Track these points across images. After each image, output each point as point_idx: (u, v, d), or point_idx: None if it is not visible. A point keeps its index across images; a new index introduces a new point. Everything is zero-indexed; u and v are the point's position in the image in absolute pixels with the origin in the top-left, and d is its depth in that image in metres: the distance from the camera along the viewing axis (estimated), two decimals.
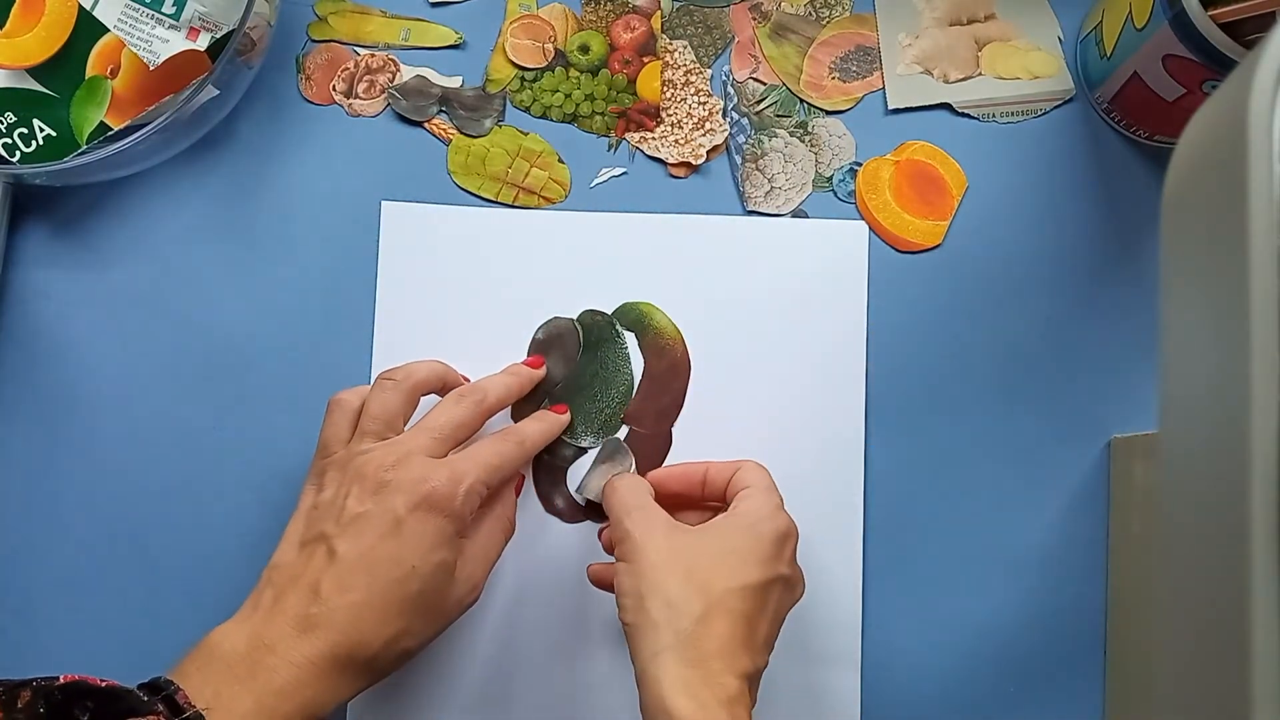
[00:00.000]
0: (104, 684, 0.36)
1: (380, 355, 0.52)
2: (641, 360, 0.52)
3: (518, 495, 0.50)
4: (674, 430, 0.51)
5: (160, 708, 0.37)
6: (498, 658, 0.50)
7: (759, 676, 0.42)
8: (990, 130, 0.53)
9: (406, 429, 0.46)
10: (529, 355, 0.52)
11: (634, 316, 0.52)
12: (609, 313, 0.52)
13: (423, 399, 0.48)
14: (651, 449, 0.51)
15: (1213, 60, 0.43)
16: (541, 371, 0.51)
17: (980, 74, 0.54)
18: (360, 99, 0.54)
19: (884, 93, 0.54)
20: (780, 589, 0.43)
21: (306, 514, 0.44)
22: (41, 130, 0.50)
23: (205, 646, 0.40)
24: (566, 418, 0.51)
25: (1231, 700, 0.25)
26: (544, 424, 0.49)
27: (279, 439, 0.52)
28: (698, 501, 0.49)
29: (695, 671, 0.39)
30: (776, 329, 0.52)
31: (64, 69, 0.50)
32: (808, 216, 0.53)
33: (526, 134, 0.54)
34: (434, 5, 0.55)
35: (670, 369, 0.52)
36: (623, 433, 0.51)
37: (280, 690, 0.39)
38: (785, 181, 0.53)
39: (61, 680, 0.36)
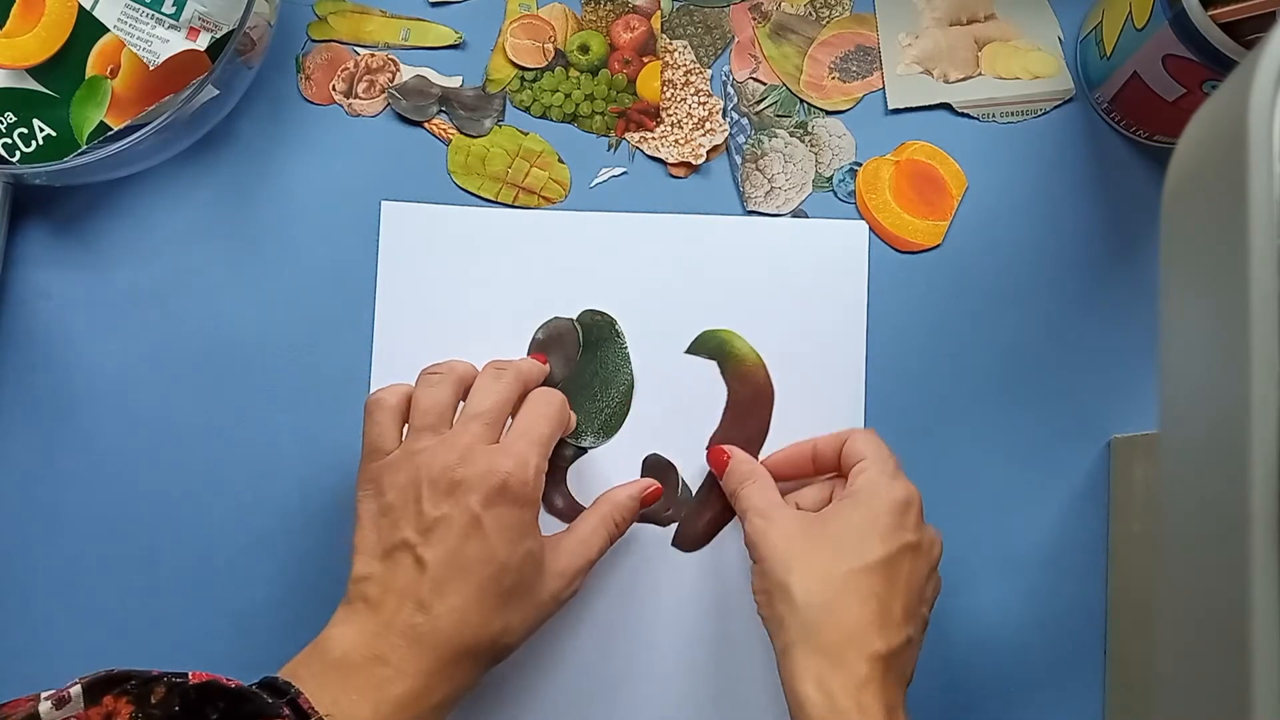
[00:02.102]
0: (233, 684, 0.37)
1: (380, 355, 0.52)
2: (725, 388, 0.52)
3: (651, 503, 0.50)
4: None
5: (285, 711, 0.37)
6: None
7: (905, 650, 0.42)
8: (990, 130, 0.54)
9: None
10: (530, 355, 0.52)
11: (714, 344, 0.52)
12: (611, 313, 0.52)
13: None
14: None
15: (1213, 60, 0.43)
16: (549, 367, 0.51)
17: (980, 74, 0.54)
18: (360, 99, 0.54)
19: (884, 93, 0.54)
20: (910, 558, 0.43)
21: (375, 521, 0.43)
22: (41, 130, 0.50)
23: (318, 651, 0.40)
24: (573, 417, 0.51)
25: (1231, 700, 0.25)
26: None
27: (279, 439, 0.52)
28: (813, 477, 0.50)
29: (824, 660, 0.40)
30: (776, 329, 0.52)
31: (64, 69, 0.50)
32: (808, 216, 0.53)
33: (526, 134, 0.54)
34: (434, 5, 0.55)
35: (755, 395, 0.51)
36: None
37: (398, 701, 0.39)
38: (785, 181, 0.53)
39: (192, 678, 0.36)
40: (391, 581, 0.41)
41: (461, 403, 0.46)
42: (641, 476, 0.51)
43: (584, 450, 0.51)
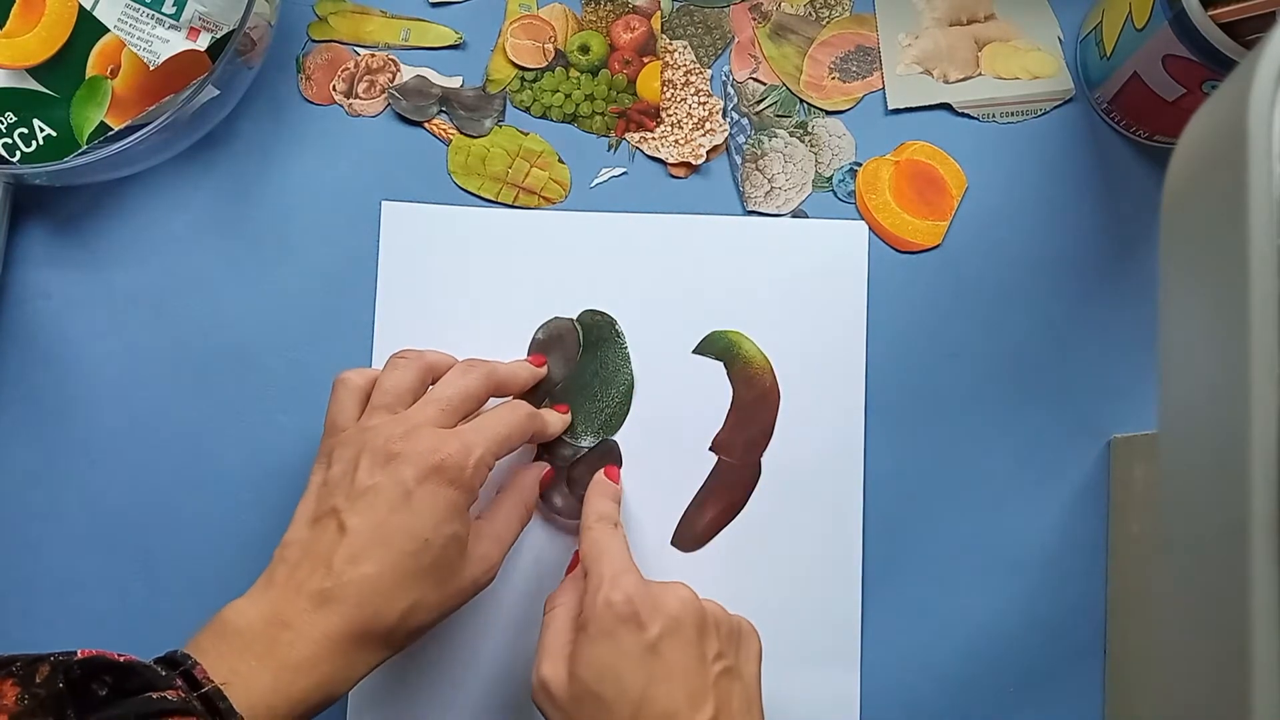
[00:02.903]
0: (122, 658, 0.36)
1: (380, 355, 0.52)
2: (730, 390, 0.52)
3: (544, 488, 0.50)
4: (762, 460, 0.51)
5: (178, 682, 0.37)
6: (499, 657, 0.50)
7: None
8: (990, 130, 0.54)
9: None
10: (529, 355, 0.52)
11: (722, 345, 0.52)
12: (611, 314, 0.52)
13: None
14: (740, 479, 0.51)
15: (1213, 60, 0.43)
16: (544, 369, 0.51)
17: (980, 74, 0.54)
18: (360, 99, 0.54)
19: (884, 93, 0.54)
20: (670, 648, 0.42)
21: (317, 491, 0.43)
22: (41, 130, 0.50)
23: (219, 622, 0.40)
24: (569, 417, 0.51)
25: (1231, 701, 0.25)
26: (551, 414, 0.50)
27: (279, 438, 0.52)
28: None
29: None
30: (776, 329, 0.52)
31: (64, 69, 0.50)
32: (808, 216, 0.53)
33: (526, 134, 0.54)
34: (434, 5, 0.55)
35: (760, 399, 0.51)
36: (711, 462, 0.51)
37: (298, 665, 0.39)
38: (785, 181, 0.53)
39: (79, 655, 0.36)
40: (312, 546, 0.41)
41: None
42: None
43: (583, 450, 0.51)
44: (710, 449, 0.51)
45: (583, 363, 0.52)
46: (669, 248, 0.53)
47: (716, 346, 0.52)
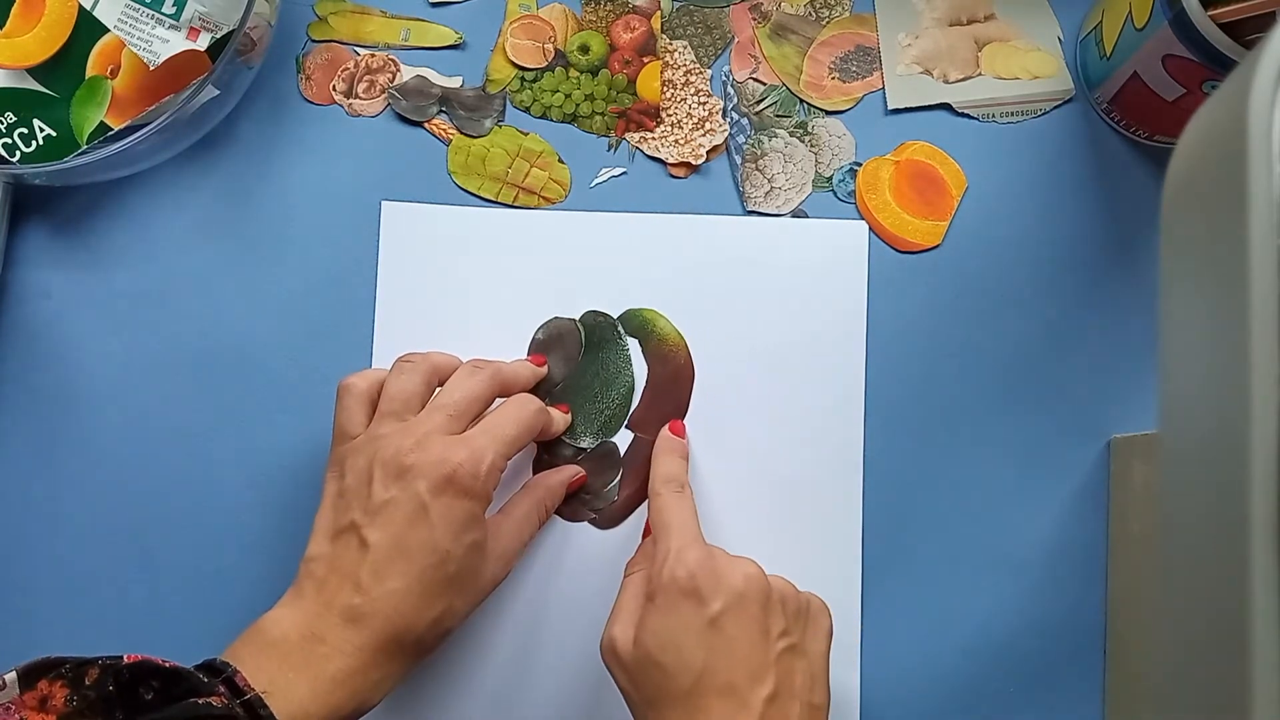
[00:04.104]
0: (167, 664, 0.37)
1: (380, 355, 0.52)
2: (645, 367, 0.52)
3: (575, 490, 0.51)
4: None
5: (221, 689, 0.37)
6: (494, 656, 0.50)
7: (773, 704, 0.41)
8: (990, 130, 0.53)
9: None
10: (529, 355, 0.52)
11: (637, 323, 0.52)
12: (611, 314, 0.52)
13: None
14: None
15: (1213, 60, 0.43)
16: (545, 369, 0.51)
17: (980, 74, 0.54)
18: (360, 99, 0.54)
19: (884, 93, 0.54)
20: (731, 620, 0.42)
21: (333, 502, 0.44)
22: (41, 130, 0.50)
23: (256, 632, 0.40)
24: (570, 416, 0.51)
25: (1231, 700, 0.25)
26: (555, 411, 0.50)
27: (279, 438, 0.52)
28: None
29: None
30: (776, 329, 0.52)
31: (64, 69, 0.50)
32: (808, 216, 0.53)
33: (526, 134, 0.54)
34: (434, 5, 0.55)
35: (674, 376, 0.52)
36: (627, 439, 0.51)
37: (334, 677, 0.39)
38: (785, 181, 0.53)
39: (127, 660, 0.37)
40: (337, 562, 0.42)
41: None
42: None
43: (583, 450, 0.51)
44: (627, 426, 0.51)
45: (584, 363, 0.52)
46: (669, 248, 0.53)
47: (632, 324, 0.52)
